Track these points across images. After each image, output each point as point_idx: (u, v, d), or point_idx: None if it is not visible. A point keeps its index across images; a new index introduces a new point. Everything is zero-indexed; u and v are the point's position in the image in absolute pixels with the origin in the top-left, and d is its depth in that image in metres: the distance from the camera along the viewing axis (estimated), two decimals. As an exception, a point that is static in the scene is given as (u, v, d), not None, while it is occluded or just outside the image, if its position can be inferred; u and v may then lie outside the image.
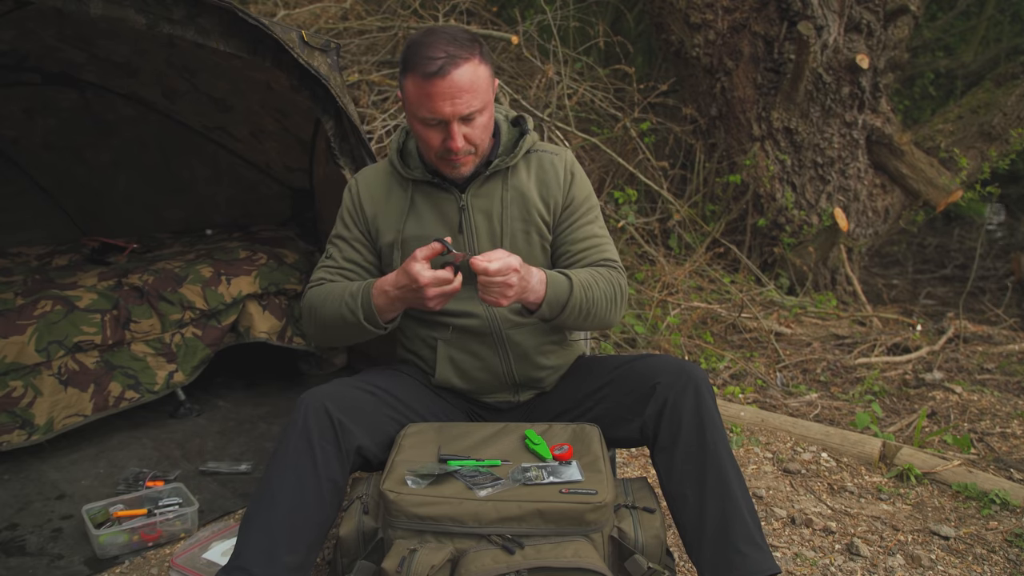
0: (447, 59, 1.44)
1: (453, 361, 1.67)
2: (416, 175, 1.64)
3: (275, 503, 1.38)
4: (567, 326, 1.57)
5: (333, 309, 1.58)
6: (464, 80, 1.45)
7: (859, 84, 4.26)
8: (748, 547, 1.38)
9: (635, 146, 4.51)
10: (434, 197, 1.65)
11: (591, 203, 1.70)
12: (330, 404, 1.44)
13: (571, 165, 1.69)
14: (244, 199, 3.35)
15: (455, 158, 1.54)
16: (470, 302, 1.64)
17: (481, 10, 5.22)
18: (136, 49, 2.58)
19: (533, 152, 1.69)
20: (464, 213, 1.62)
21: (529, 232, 1.64)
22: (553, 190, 1.65)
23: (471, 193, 1.63)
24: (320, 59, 2.08)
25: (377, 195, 1.68)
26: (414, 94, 1.48)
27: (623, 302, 1.64)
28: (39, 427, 2.22)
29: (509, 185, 1.64)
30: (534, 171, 1.67)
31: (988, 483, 2.22)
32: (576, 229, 1.66)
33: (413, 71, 1.46)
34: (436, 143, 1.52)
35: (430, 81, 1.44)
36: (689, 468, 1.44)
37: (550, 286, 1.49)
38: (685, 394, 1.46)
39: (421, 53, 1.45)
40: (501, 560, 1.28)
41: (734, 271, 4.43)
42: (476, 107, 1.49)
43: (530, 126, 1.69)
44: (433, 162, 1.59)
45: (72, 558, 1.84)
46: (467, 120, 1.50)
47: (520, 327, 1.65)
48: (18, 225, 3.17)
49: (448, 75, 1.44)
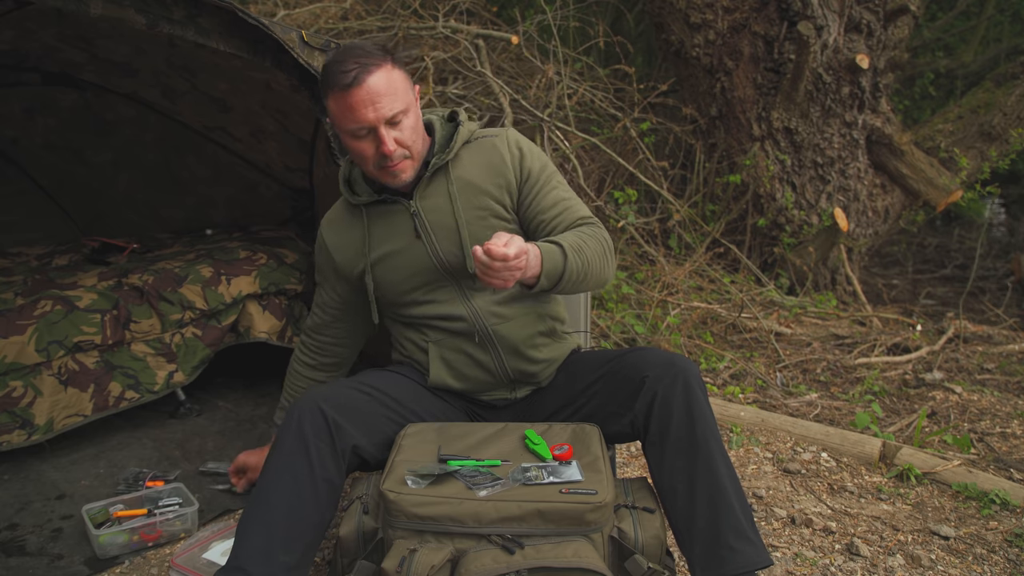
0: (360, 68, 1.47)
1: (446, 362, 1.67)
2: (363, 199, 1.66)
3: (271, 503, 1.38)
4: (566, 291, 1.56)
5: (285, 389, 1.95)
6: (380, 85, 1.49)
7: (859, 84, 4.26)
8: (739, 541, 1.38)
9: (635, 146, 4.51)
10: (386, 214, 1.66)
11: (549, 170, 1.69)
12: (324, 405, 1.44)
13: (515, 141, 1.67)
14: (244, 199, 3.35)
15: (391, 164, 1.55)
16: (451, 304, 1.65)
17: (481, 10, 5.22)
18: (136, 49, 2.58)
19: (474, 140, 1.68)
20: (417, 219, 1.63)
21: (485, 218, 1.63)
22: (502, 170, 1.64)
23: (418, 197, 1.63)
24: (320, 59, 2.08)
25: (339, 233, 1.74)
26: (337, 110, 1.51)
27: (612, 255, 1.64)
28: (39, 427, 2.22)
29: (453, 178, 1.64)
30: (479, 157, 1.66)
31: (988, 483, 2.22)
32: (543, 199, 1.65)
33: (332, 87, 1.50)
34: (370, 153, 1.54)
35: (348, 92, 1.47)
36: (679, 462, 1.43)
37: (545, 258, 1.47)
38: (674, 387, 1.45)
39: (335, 69, 1.49)
40: (501, 560, 1.28)
41: (734, 271, 4.43)
42: (398, 108, 1.51)
43: (463, 117, 1.68)
44: (373, 175, 1.60)
45: (72, 558, 1.84)
46: (393, 124, 1.52)
47: (506, 321, 1.64)
48: (18, 225, 3.17)
49: (363, 82, 1.47)
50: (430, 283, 1.66)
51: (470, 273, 1.61)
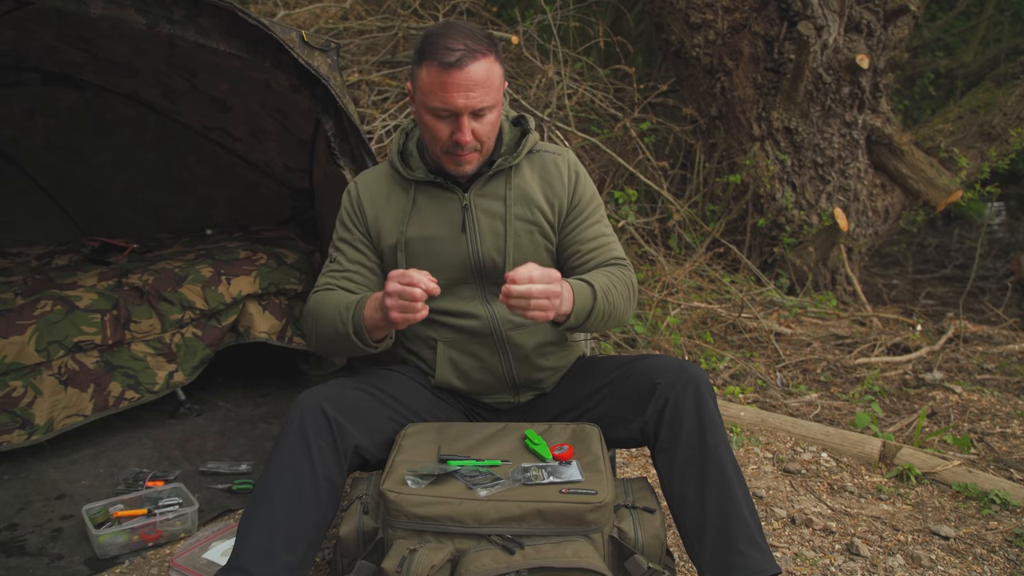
0: (466, 51, 1.45)
1: (453, 362, 1.67)
2: (418, 175, 1.64)
3: (273, 503, 1.38)
4: (587, 330, 1.56)
5: (328, 320, 1.57)
6: (480, 74, 1.46)
7: (859, 84, 4.26)
8: (749, 548, 1.38)
9: (635, 146, 4.51)
10: (437, 197, 1.64)
11: (596, 203, 1.70)
12: (326, 404, 1.44)
13: (575, 165, 1.69)
14: (244, 199, 3.35)
15: (461, 153, 1.54)
16: (471, 302, 1.64)
17: (481, 10, 5.22)
18: (136, 49, 2.58)
19: (535, 152, 1.69)
20: (468, 212, 1.62)
21: (532, 232, 1.64)
22: (558, 190, 1.65)
23: (474, 192, 1.63)
24: (320, 59, 2.08)
25: (377, 197, 1.68)
26: (428, 84, 1.48)
27: (635, 299, 1.65)
28: (39, 427, 2.22)
29: (512, 184, 1.64)
30: (537, 171, 1.66)
31: (988, 483, 2.22)
32: (584, 229, 1.66)
33: (431, 60, 1.46)
34: (444, 136, 1.52)
35: (447, 71, 1.44)
36: (690, 469, 1.43)
37: (577, 296, 1.48)
38: (686, 394, 1.46)
39: (440, 43, 1.45)
40: (501, 560, 1.28)
41: (734, 271, 4.43)
42: (488, 103, 1.50)
43: (531, 126, 1.69)
44: (437, 157, 1.58)
45: (72, 558, 1.84)
46: (477, 115, 1.51)
47: (521, 328, 1.64)
48: (18, 225, 3.17)
49: (465, 67, 1.45)
50: (459, 278, 1.65)
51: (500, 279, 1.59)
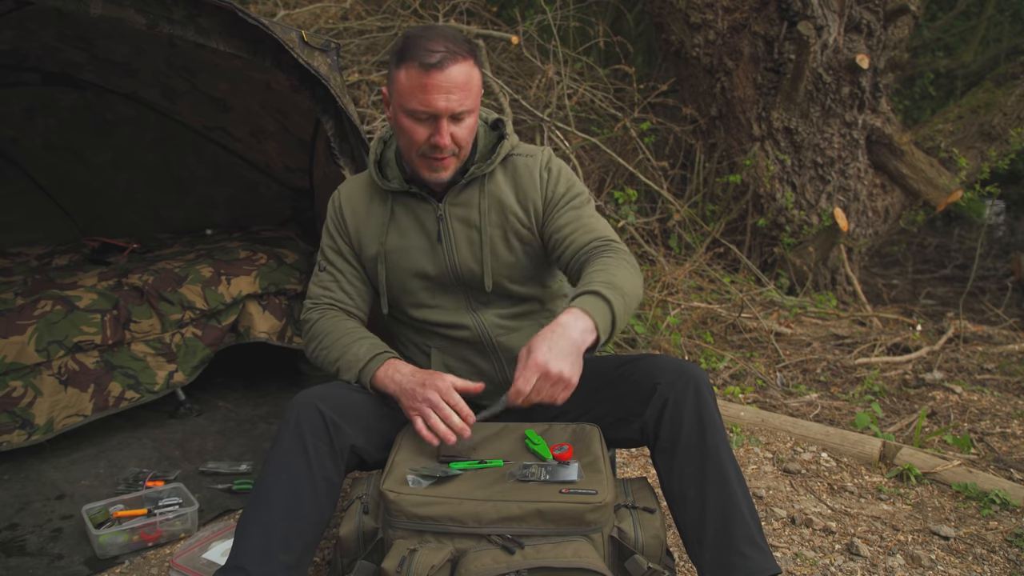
0: (447, 53, 1.44)
1: (448, 368, 1.67)
2: (394, 186, 1.63)
3: (270, 503, 1.38)
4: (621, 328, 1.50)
5: (331, 359, 1.61)
6: (460, 77, 1.45)
7: (859, 84, 4.26)
8: (749, 548, 1.38)
9: (635, 146, 4.51)
10: (412, 208, 1.64)
11: (574, 192, 1.65)
12: (322, 404, 1.44)
13: (546, 163, 1.65)
14: (244, 199, 3.35)
15: (438, 157, 1.53)
16: (457, 313, 1.65)
17: (481, 10, 5.22)
18: (136, 49, 2.58)
19: (510, 157, 1.66)
20: (442, 222, 1.62)
21: (508, 239, 1.62)
22: (531, 194, 1.63)
23: (448, 202, 1.62)
24: (320, 59, 2.08)
25: (358, 209, 1.69)
26: (408, 85, 1.47)
27: (639, 273, 1.57)
28: (39, 427, 2.22)
29: (487, 192, 1.62)
30: (511, 177, 1.64)
31: (988, 483, 2.22)
32: (558, 218, 1.62)
33: (410, 61, 1.45)
34: (421, 139, 1.51)
35: (428, 73, 1.43)
36: (690, 469, 1.43)
37: (596, 318, 1.39)
38: (686, 394, 1.45)
39: (421, 45, 1.44)
40: (501, 560, 1.28)
41: (734, 271, 4.43)
42: (468, 107, 1.49)
43: (508, 129, 1.66)
44: (414, 161, 1.57)
45: (72, 558, 1.84)
46: (456, 119, 1.50)
47: (510, 332, 1.65)
48: (18, 225, 3.17)
49: (446, 69, 1.44)
50: (439, 287, 1.66)
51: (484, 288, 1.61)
